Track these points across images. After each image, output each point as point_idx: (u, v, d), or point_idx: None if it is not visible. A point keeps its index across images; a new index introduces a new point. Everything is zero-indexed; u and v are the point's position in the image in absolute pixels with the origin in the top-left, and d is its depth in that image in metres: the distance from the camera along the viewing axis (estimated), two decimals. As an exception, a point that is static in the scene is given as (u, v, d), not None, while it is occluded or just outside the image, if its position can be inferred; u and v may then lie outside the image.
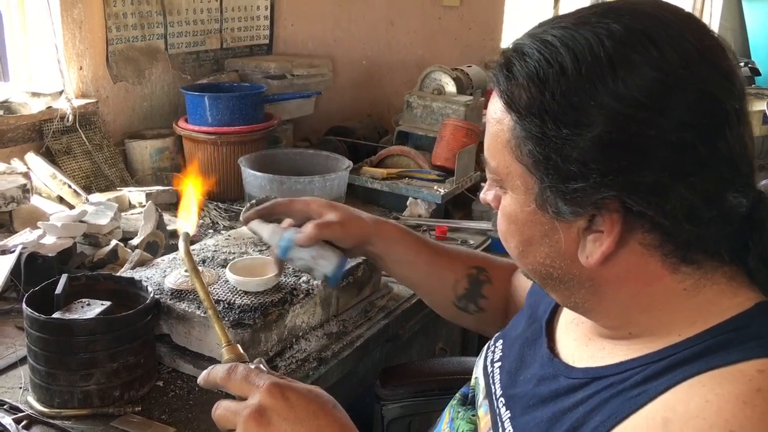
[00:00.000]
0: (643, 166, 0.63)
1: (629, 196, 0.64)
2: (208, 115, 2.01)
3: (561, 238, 0.71)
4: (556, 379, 0.78)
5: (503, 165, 0.73)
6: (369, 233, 1.15)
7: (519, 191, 0.72)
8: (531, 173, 0.69)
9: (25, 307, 1.05)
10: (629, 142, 0.63)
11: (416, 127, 2.30)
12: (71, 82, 1.97)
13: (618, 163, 0.64)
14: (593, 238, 0.69)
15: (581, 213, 0.68)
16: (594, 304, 0.75)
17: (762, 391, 0.59)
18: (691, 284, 0.69)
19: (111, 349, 1.04)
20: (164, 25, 2.22)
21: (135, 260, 1.39)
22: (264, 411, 0.75)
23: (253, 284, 1.19)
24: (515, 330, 0.94)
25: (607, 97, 0.63)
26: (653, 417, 0.62)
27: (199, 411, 1.07)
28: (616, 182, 0.64)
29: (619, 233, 0.67)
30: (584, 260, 0.70)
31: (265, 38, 2.61)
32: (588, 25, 0.66)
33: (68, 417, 1.04)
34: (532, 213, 0.72)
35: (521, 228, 0.74)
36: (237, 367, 0.80)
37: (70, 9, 1.92)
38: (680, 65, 0.63)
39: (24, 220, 1.60)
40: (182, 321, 1.15)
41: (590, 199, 0.66)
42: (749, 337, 0.64)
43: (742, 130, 0.65)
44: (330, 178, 1.84)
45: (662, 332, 0.70)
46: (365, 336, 1.34)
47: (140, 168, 2.08)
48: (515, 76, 0.69)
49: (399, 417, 1.38)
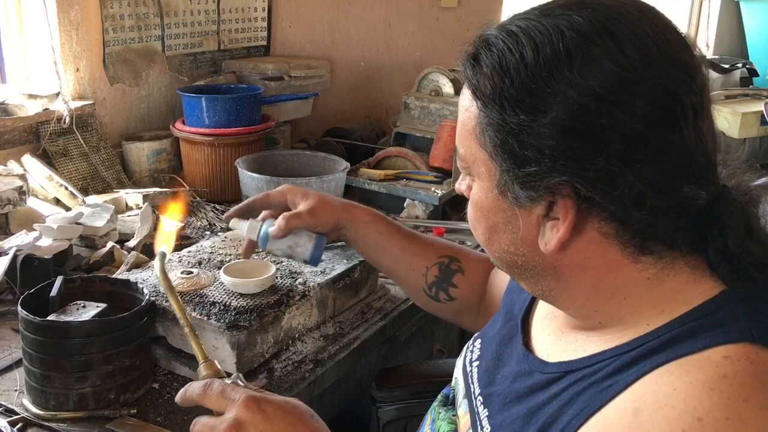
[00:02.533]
0: (595, 154, 0.65)
1: (579, 182, 0.66)
2: (205, 117, 2.01)
3: (521, 225, 0.73)
4: (530, 375, 0.79)
5: (470, 152, 0.75)
6: (339, 218, 1.18)
7: (484, 178, 0.74)
8: (492, 159, 0.72)
9: (21, 309, 1.05)
10: (582, 131, 0.65)
11: (414, 129, 2.30)
12: (68, 84, 1.97)
13: (571, 150, 0.66)
14: (551, 225, 0.71)
15: (536, 198, 0.69)
16: (559, 291, 0.76)
17: (728, 377, 0.60)
18: (654, 273, 0.70)
19: (106, 352, 1.04)
20: (161, 27, 2.21)
21: (131, 262, 1.39)
22: (241, 425, 0.76)
23: (249, 286, 1.19)
24: (492, 329, 0.96)
25: (564, 85, 0.65)
26: (624, 408, 0.63)
27: (194, 414, 1.05)
28: (567, 167, 0.66)
29: (573, 220, 0.69)
30: (543, 247, 0.72)
31: (263, 40, 2.61)
32: (551, 16, 0.68)
33: (63, 419, 1.04)
34: (494, 199, 0.74)
35: (486, 215, 0.76)
36: (213, 382, 0.81)
37: (66, 11, 1.92)
38: (638, 59, 0.65)
39: (20, 222, 1.59)
40: (178, 323, 1.14)
41: (543, 183, 0.68)
42: (715, 325, 0.65)
43: (700, 124, 0.67)
44: (327, 180, 1.83)
45: (630, 321, 0.71)
46: (362, 338, 1.34)
47: (137, 170, 2.07)
48: (480, 66, 0.71)
49: (395, 419, 1.38)
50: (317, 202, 1.17)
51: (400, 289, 1.53)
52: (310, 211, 1.15)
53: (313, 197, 1.17)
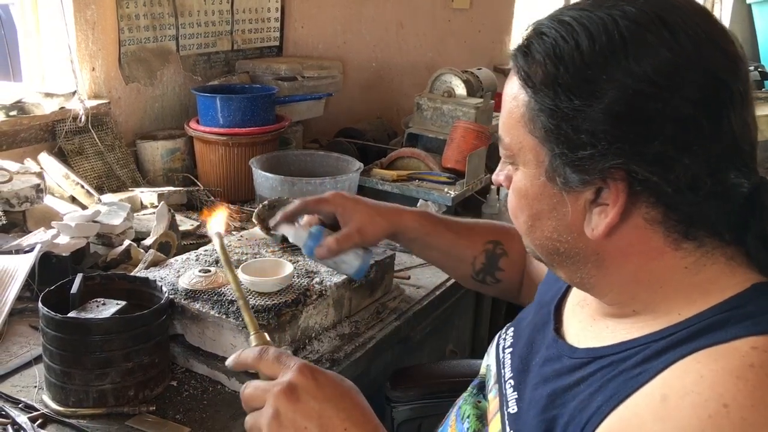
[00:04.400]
0: (650, 138, 0.66)
1: (635, 164, 0.67)
2: (219, 117, 2.02)
3: (568, 211, 0.73)
4: (559, 360, 0.81)
5: (516, 140, 0.76)
6: (387, 232, 1.20)
7: (530, 165, 0.75)
8: (542, 145, 0.73)
9: (41, 306, 1.05)
10: (637, 115, 0.67)
11: (426, 130, 2.31)
12: (84, 83, 1.98)
13: (625, 134, 0.67)
14: (599, 211, 0.71)
15: (588, 181, 0.70)
16: (598, 279, 0.77)
17: (754, 366, 0.61)
18: (692, 262, 0.72)
19: (126, 349, 1.05)
20: (176, 27, 2.22)
21: (148, 260, 1.40)
22: (294, 388, 0.77)
23: (267, 285, 1.20)
24: (526, 318, 0.98)
25: (619, 72, 0.67)
26: (652, 394, 0.64)
27: (213, 411, 1.08)
28: (622, 151, 0.67)
29: (623, 204, 0.69)
30: (590, 233, 0.72)
31: (276, 40, 2.62)
32: (604, 6, 0.70)
33: (83, 416, 1.05)
34: (541, 186, 0.75)
35: (531, 202, 0.77)
36: (269, 349, 0.83)
37: (83, 10, 1.93)
38: (690, 47, 0.67)
39: (37, 219, 1.60)
40: (196, 321, 1.16)
41: (597, 166, 0.69)
42: (745, 317, 0.66)
43: (744, 112, 0.69)
44: (341, 180, 1.84)
45: (663, 310, 0.72)
46: (377, 337, 1.34)
47: (151, 169, 2.09)
48: (533, 54, 0.72)
49: (409, 419, 1.38)
50: (366, 220, 1.17)
51: (414, 290, 1.54)
52: (360, 231, 1.16)
53: (362, 213, 1.18)
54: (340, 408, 0.77)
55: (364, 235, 1.16)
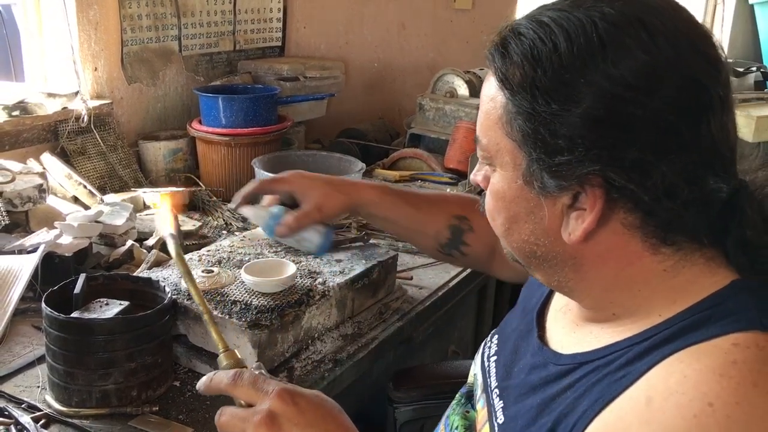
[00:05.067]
0: (628, 143, 0.65)
1: (612, 171, 0.66)
2: (221, 117, 2.02)
3: (545, 215, 0.72)
4: (545, 367, 0.80)
5: (494, 142, 0.75)
6: (346, 206, 1.23)
7: (507, 167, 0.74)
8: (520, 148, 0.71)
9: (45, 306, 1.05)
10: (615, 120, 0.65)
11: (429, 130, 2.31)
12: (86, 83, 1.98)
13: (603, 139, 0.66)
14: (576, 216, 0.71)
15: (566, 187, 0.69)
16: (576, 283, 0.76)
17: (737, 363, 0.61)
18: (671, 265, 0.71)
19: (129, 349, 1.05)
20: (178, 27, 2.23)
21: (151, 260, 1.40)
22: (275, 417, 0.76)
23: (269, 285, 1.20)
24: (510, 325, 0.97)
25: (597, 75, 0.65)
26: (637, 397, 0.64)
27: (215, 412, 1.07)
28: (600, 157, 0.66)
29: (600, 210, 0.69)
30: (566, 237, 0.72)
31: (278, 40, 2.62)
32: (582, 8, 0.69)
33: (86, 416, 1.05)
34: (519, 189, 0.74)
35: (508, 205, 0.76)
36: (243, 373, 0.80)
37: (85, 10, 1.94)
38: (670, 50, 0.66)
39: (40, 220, 1.60)
40: (199, 321, 1.16)
41: (575, 172, 0.68)
42: (725, 314, 0.66)
43: (725, 118, 0.68)
44: (343, 180, 1.84)
45: (643, 312, 0.72)
46: (380, 338, 1.34)
47: (154, 169, 2.09)
48: (510, 55, 0.71)
49: (411, 420, 1.38)
50: (324, 196, 1.20)
51: (417, 291, 1.54)
52: (318, 208, 1.19)
53: (319, 190, 1.20)
54: (323, 431, 0.76)
55: (323, 211, 1.19)
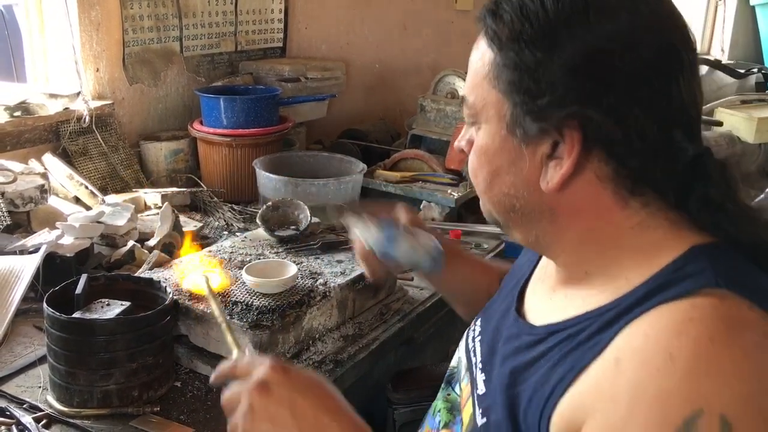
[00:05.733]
0: (605, 90, 0.71)
1: (590, 112, 0.72)
2: (223, 118, 2.02)
3: (526, 165, 0.77)
4: (518, 337, 0.85)
5: (480, 97, 0.80)
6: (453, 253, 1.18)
7: (492, 121, 0.79)
8: (505, 98, 0.77)
9: (46, 306, 1.06)
10: (594, 69, 0.72)
11: (430, 131, 2.31)
12: (88, 84, 1.98)
13: (582, 85, 0.72)
14: (554, 164, 0.76)
15: (546, 131, 0.74)
16: (552, 236, 0.82)
17: (694, 320, 0.66)
18: (638, 223, 0.76)
19: (131, 349, 1.05)
20: (180, 28, 2.23)
21: (153, 261, 1.40)
22: (266, 383, 0.81)
23: (271, 286, 1.20)
24: (492, 307, 1.01)
25: (581, 29, 0.72)
26: (607, 360, 0.69)
27: (217, 412, 1.08)
28: (579, 99, 0.72)
29: (577, 155, 0.74)
30: (545, 186, 0.77)
31: (279, 41, 2.62)
32: None
33: (87, 416, 1.05)
34: (502, 140, 0.78)
35: (491, 158, 0.81)
36: (242, 356, 0.88)
37: (87, 11, 1.94)
38: (649, 14, 0.73)
39: (41, 220, 1.61)
40: (200, 322, 1.16)
41: (555, 114, 0.73)
42: (685, 277, 0.71)
43: (693, 83, 0.75)
44: (344, 181, 1.84)
45: (612, 273, 0.77)
46: (380, 339, 1.34)
47: (155, 169, 2.09)
48: (501, 14, 0.76)
49: (410, 421, 1.38)
50: None
51: (418, 291, 1.54)
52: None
53: None
54: (312, 395, 0.81)
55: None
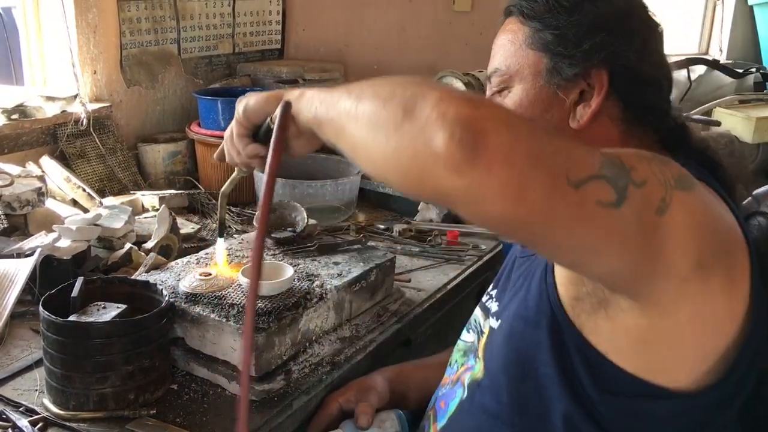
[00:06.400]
0: (625, 43, 0.93)
1: (615, 57, 0.92)
2: (220, 120, 2.02)
3: (556, 111, 0.94)
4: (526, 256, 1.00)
5: (516, 62, 0.96)
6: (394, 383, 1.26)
7: (527, 79, 0.95)
8: (543, 53, 0.94)
9: (42, 309, 1.05)
10: (609, 27, 0.93)
11: (427, 132, 2.30)
12: (85, 86, 1.98)
13: (603, 39, 0.92)
14: (582, 107, 0.93)
15: (580, 75, 0.92)
16: None
17: None
18: None
19: (127, 352, 1.05)
20: (177, 30, 2.23)
21: (149, 264, 1.40)
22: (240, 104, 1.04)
23: (267, 288, 1.20)
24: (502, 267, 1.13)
25: (592, 5, 0.93)
26: None
27: (213, 414, 1.08)
28: (605, 49, 0.92)
29: (605, 93, 0.91)
30: (575, 124, 0.93)
31: (277, 43, 2.63)
32: None
33: (84, 419, 1.05)
34: (537, 92, 0.95)
35: (525, 109, 0.95)
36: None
37: (84, 13, 1.94)
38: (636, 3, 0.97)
39: (39, 223, 1.60)
40: (196, 324, 1.16)
41: (589, 60, 0.92)
42: None
43: (661, 50, 0.98)
44: (342, 183, 1.84)
45: None
46: (378, 341, 1.34)
47: (153, 172, 2.09)
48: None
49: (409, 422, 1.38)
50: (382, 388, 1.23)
51: (415, 293, 1.54)
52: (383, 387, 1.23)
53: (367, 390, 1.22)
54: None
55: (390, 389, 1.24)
